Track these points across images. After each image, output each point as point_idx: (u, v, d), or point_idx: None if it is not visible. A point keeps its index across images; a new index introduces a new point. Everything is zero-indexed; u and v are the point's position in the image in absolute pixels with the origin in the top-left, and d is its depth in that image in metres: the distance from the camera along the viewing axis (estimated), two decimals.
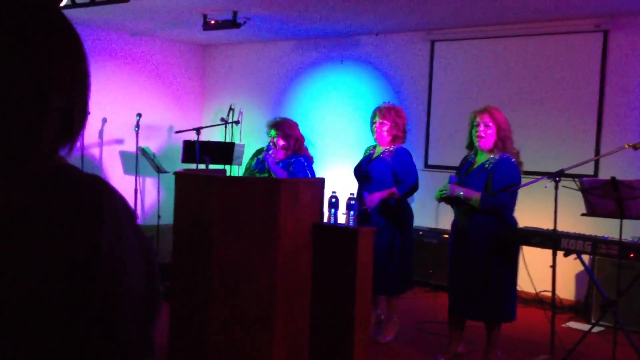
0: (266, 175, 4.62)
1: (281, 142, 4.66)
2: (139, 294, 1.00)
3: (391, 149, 4.70)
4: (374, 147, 4.85)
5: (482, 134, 4.08)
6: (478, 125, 4.11)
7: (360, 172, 4.76)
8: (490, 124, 4.08)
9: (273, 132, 4.71)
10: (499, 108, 4.24)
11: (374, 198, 4.56)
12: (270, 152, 4.62)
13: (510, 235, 4.14)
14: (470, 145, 4.25)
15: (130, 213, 1.03)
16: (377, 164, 4.67)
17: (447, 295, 4.35)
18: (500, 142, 4.09)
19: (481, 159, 4.17)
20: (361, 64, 7.60)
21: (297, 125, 4.83)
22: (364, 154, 4.92)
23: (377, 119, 4.71)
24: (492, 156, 4.12)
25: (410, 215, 4.82)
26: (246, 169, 4.95)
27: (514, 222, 4.21)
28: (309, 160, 4.74)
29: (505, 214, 4.11)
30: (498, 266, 4.06)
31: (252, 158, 4.93)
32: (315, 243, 3.75)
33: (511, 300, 4.15)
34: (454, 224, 4.28)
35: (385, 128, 4.67)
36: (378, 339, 4.76)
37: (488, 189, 4.03)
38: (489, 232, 4.06)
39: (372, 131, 4.77)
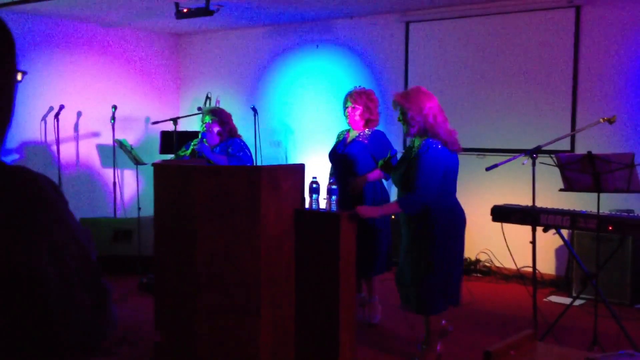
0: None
1: (217, 128, 4.72)
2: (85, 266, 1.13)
3: (367, 132, 4.72)
4: (348, 131, 4.86)
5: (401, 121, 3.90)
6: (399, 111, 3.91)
7: (337, 156, 4.77)
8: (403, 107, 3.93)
9: (208, 118, 4.76)
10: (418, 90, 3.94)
11: (372, 176, 4.59)
12: (204, 141, 4.66)
13: (434, 223, 3.82)
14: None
15: (59, 195, 1.15)
16: (354, 147, 4.68)
17: None
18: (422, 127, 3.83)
19: (416, 143, 3.91)
20: (337, 47, 7.59)
21: (231, 117, 4.90)
22: (337, 138, 4.92)
23: (349, 104, 4.72)
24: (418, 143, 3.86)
25: (387, 197, 4.85)
26: (176, 155, 5.05)
27: (457, 209, 3.91)
28: (245, 143, 4.78)
29: (432, 205, 3.79)
30: (417, 255, 3.84)
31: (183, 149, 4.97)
32: (298, 229, 3.75)
33: (431, 290, 3.84)
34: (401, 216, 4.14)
35: (358, 112, 4.69)
36: (369, 320, 4.81)
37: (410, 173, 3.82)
38: (412, 221, 3.89)
39: (345, 116, 4.78)
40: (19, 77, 1.23)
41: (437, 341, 4.03)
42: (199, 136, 4.76)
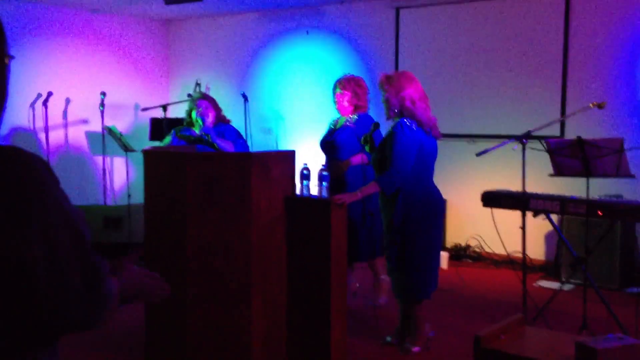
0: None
1: (212, 113, 4.66)
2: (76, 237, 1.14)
3: (354, 116, 4.75)
4: (338, 118, 4.90)
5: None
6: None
7: (326, 143, 4.82)
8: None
9: (204, 103, 4.68)
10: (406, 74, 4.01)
11: (354, 160, 4.61)
12: (196, 127, 4.62)
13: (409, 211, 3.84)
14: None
15: (52, 175, 1.16)
16: (342, 132, 4.74)
17: None
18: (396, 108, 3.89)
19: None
20: (327, 34, 7.55)
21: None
22: (328, 127, 4.97)
23: (338, 90, 4.76)
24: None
25: None
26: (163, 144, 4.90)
27: (435, 194, 3.93)
28: (237, 129, 4.76)
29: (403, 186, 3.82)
30: (403, 243, 3.85)
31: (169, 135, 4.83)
32: (289, 216, 3.75)
33: (411, 278, 3.88)
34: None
35: (346, 98, 4.72)
36: (376, 302, 4.85)
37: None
38: (387, 206, 3.92)
39: (334, 102, 4.82)
40: (5, 60, 1.22)
41: (426, 325, 4.05)
42: (188, 123, 4.69)
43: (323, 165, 4.21)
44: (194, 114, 4.67)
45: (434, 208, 3.92)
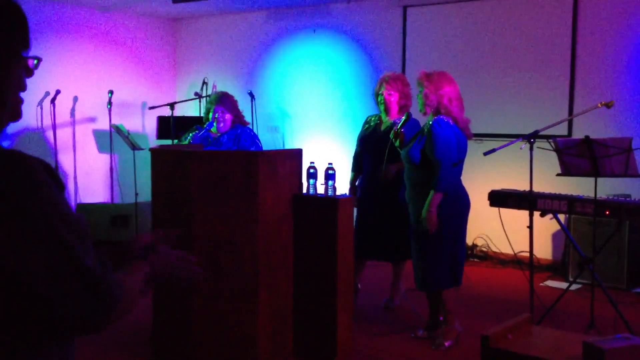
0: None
1: (228, 115, 4.48)
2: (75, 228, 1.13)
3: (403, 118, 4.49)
4: (379, 117, 4.69)
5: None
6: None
7: (371, 140, 4.63)
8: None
9: (219, 104, 4.50)
10: (442, 73, 4.07)
11: (393, 168, 4.47)
12: (213, 129, 4.46)
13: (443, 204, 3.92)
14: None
15: (54, 178, 1.14)
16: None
17: None
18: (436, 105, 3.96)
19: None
20: (334, 32, 7.55)
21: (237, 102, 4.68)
22: (367, 124, 4.74)
23: (384, 89, 4.56)
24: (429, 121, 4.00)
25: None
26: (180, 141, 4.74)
27: (461, 190, 4.06)
28: (255, 133, 4.60)
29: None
30: (425, 235, 3.93)
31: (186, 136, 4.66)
32: (296, 214, 3.75)
33: (437, 267, 3.98)
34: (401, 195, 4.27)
35: (394, 99, 4.55)
36: (388, 305, 4.85)
37: (425, 153, 3.93)
38: (418, 199, 3.98)
39: (378, 103, 4.61)
40: (35, 62, 1.22)
41: (456, 320, 4.11)
42: (206, 124, 4.50)
43: (329, 164, 4.20)
44: (210, 116, 4.52)
45: (464, 203, 4.07)
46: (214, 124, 4.48)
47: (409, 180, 4.08)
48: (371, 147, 4.63)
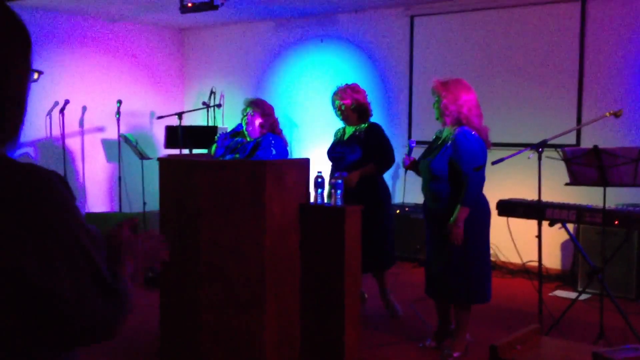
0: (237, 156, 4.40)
1: (259, 120, 4.43)
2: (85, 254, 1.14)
3: (362, 126, 4.75)
4: (344, 129, 4.91)
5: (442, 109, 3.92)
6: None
7: (335, 154, 4.83)
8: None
9: (250, 109, 4.45)
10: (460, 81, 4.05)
11: (353, 176, 4.56)
12: (244, 134, 4.42)
13: (478, 214, 3.91)
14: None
15: (69, 192, 1.15)
16: (351, 143, 4.71)
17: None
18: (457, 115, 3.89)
19: (446, 133, 3.98)
20: (341, 42, 7.57)
21: (273, 109, 4.68)
22: (335, 137, 4.97)
23: (337, 102, 4.76)
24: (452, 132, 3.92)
25: (389, 193, 4.87)
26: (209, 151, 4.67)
27: (482, 198, 3.99)
28: (279, 138, 4.57)
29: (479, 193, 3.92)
30: (464, 247, 3.86)
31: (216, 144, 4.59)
32: (303, 223, 3.75)
33: (479, 280, 3.92)
34: (425, 206, 4.17)
35: (348, 107, 4.73)
36: (392, 314, 4.86)
37: (452, 165, 3.86)
38: (445, 213, 3.90)
39: (337, 115, 4.83)
40: (35, 76, 1.23)
41: (466, 331, 4.08)
42: (243, 128, 4.43)
43: (337, 173, 4.20)
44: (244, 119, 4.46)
45: (488, 214, 4.00)
46: (244, 125, 4.44)
47: (434, 193, 3.95)
48: (336, 157, 4.82)
